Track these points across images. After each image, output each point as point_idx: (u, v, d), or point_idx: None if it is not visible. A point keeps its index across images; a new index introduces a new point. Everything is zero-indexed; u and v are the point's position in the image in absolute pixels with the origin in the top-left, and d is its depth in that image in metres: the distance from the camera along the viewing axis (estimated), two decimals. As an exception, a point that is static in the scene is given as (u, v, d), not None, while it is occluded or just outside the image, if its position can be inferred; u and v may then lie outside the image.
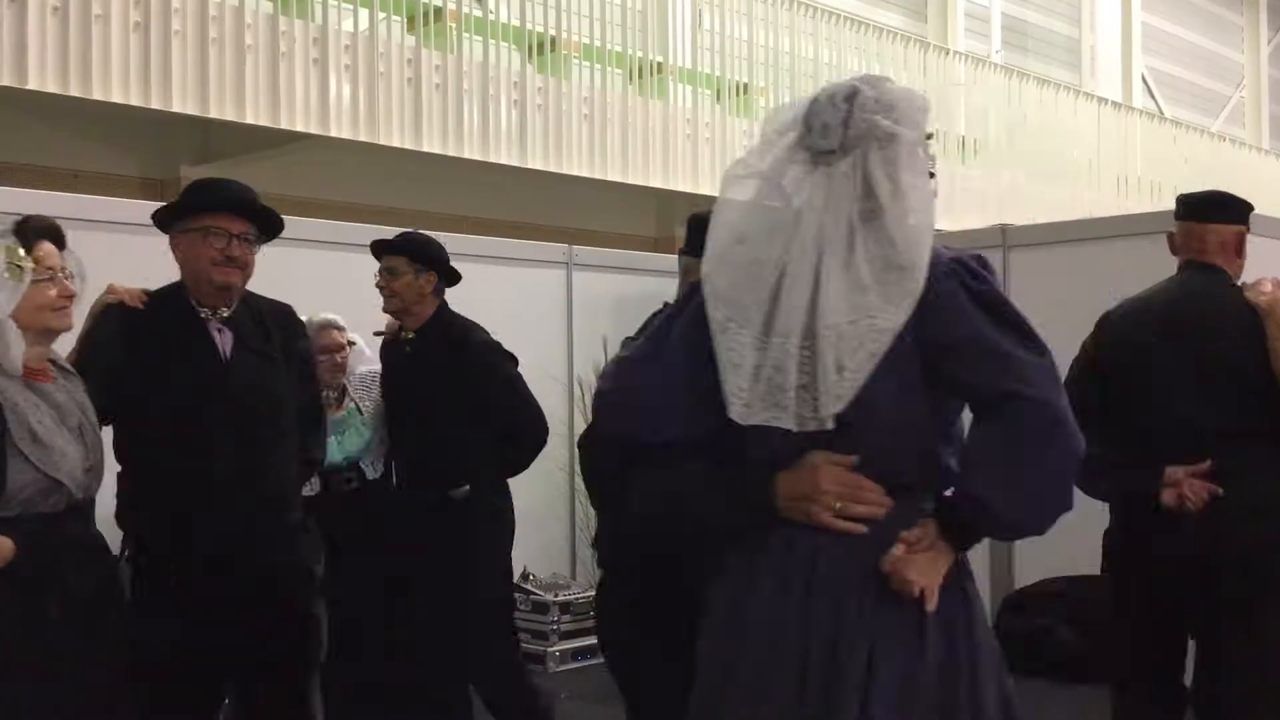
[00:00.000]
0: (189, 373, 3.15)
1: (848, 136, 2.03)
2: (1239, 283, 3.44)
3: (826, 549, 2.02)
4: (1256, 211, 3.67)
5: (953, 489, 2.07)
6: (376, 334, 4.61)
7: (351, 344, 4.54)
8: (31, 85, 6.56)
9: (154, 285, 4.05)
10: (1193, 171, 14.65)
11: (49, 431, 2.67)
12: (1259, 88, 19.72)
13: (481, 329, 4.34)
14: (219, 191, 3.26)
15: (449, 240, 6.81)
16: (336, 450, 4.28)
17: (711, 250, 2.13)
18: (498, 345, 4.33)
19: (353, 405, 4.52)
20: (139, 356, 3.12)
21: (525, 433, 4.33)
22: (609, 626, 3.19)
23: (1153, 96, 17.51)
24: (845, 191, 2.01)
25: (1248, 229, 3.52)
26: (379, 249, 4.26)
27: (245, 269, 3.24)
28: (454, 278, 4.33)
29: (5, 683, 2.57)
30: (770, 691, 2.00)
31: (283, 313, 3.44)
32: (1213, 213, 3.48)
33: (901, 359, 1.98)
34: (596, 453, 3.02)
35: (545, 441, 4.39)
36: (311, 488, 3.98)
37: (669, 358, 2.15)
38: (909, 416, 2.03)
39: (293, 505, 3.34)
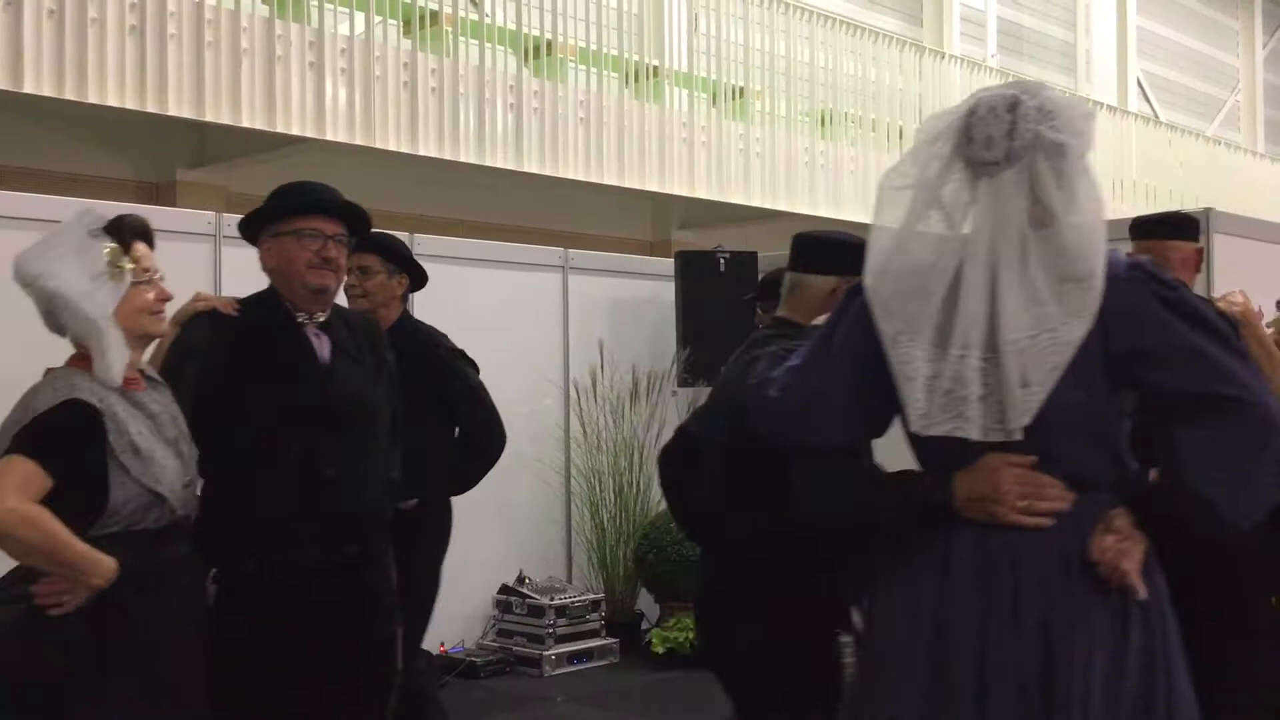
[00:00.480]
0: (291, 378, 3.03)
1: (1013, 147, 2.04)
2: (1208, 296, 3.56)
3: (1021, 547, 2.08)
4: (1252, 215, 3.72)
5: (1158, 485, 2.14)
6: None
7: None
8: (27, 89, 6.55)
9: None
10: (1188, 175, 14.68)
11: (148, 443, 2.55)
12: (1254, 92, 19.74)
13: (444, 335, 4.26)
14: (310, 194, 3.13)
15: (445, 244, 6.85)
16: None
17: (874, 262, 2.16)
18: (463, 352, 4.27)
19: None
20: (235, 364, 2.98)
21: (486, 443, 4.23)
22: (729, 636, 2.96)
23: (1148, 100, 17.53)
24: (1013, 202, 2.04)
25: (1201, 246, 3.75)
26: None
27: (339, 271, 3.14)
28: (422, 281, 4.20)
29: (115, 709, 2.48)
30: (990, 692, 2.04)
31: (369, 322, 3.37)
32: (1172, 231, 3.71)
33: (1084, 368, 2.03)
34: (682, 468, 3.04)
35: (502, 452, 4.27)
36: None
37: (833, 365, 2.22)
38: (1092, 421, 2.09)
39: (386, 518, 3.23)
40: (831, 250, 2.89)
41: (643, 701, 6.09)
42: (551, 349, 7.29)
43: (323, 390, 3.06)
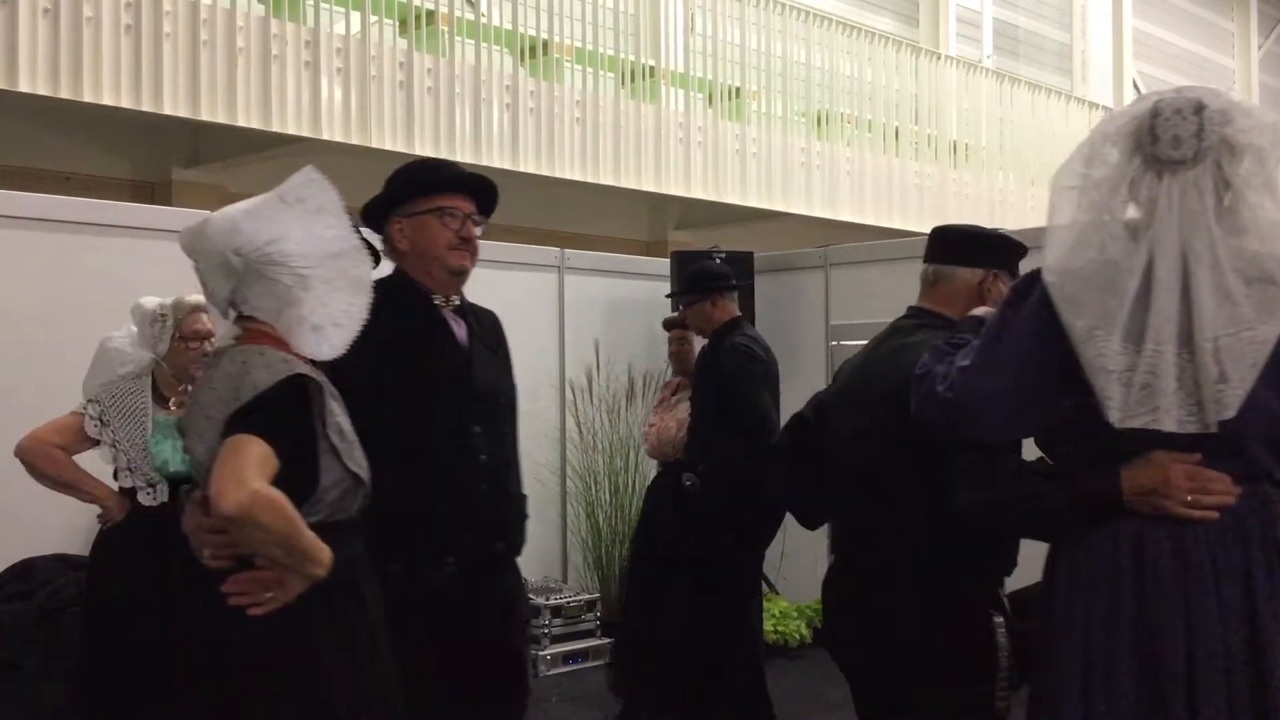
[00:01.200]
0: (434, 363, 2.84)
1: (1201, 147, 2.12)
2: None
3: (1214, 541, 2.15)
4: None
5: None
6: None
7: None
8: (22, 87, 6.54)
9: (145, 288, 4.06)
10: (1183, 176, 14.68)
11: (347, 423, 2.40)
12: (1249, 93, 19.77)
13: None
14: (449, 170, 2.93)
15: (441, 243, 6.84)
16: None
17: (1056, 259, 2.21)
18: None
19: None
20: (372, 348, 2.59)
21: None
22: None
23: (1144, 101, 17.54)
24: (1201, 201, 2.11)
25: None
26: None
27: (475, 254, 2.96)
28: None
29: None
30: (1199, 687, 2.11)
31: (491, 314, 3.23)
32: None
33: (1273, 367, 2.11)
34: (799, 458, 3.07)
35: None
36: (154, 496, 3.83)
37: (1006, 363, 2.28)
38: (1275, 419, 2.16)
39: (526, 516, 3.07)
40: (978, 243, 2.93)
41: (638, 702, 6.09)
42: (547, 349, 7.29)
43: (468, 375, 2.91)
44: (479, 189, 2.99)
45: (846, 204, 10.95)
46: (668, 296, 5.60)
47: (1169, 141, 2.13)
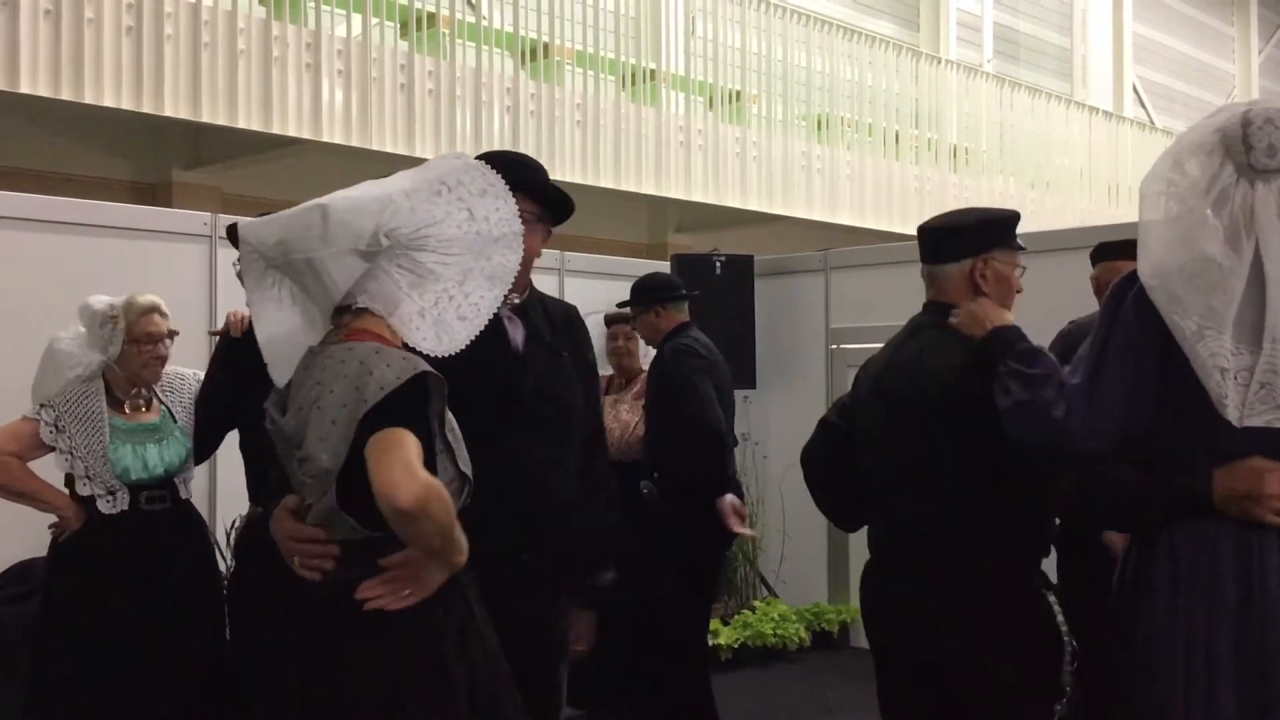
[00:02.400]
0: (481, 363, 2.64)
1: None
2: None
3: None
4: None
5: None
6: (213, 333, 4.26)
7: (173, 334, 3.90)
8: (23, 89, 6.54)
9: (146, 289, 4.04)
10: (1183, 181, 14.68)
11: (455, 422, 2.34)
12: (1249, 98, 19.74)
13: None
14: (514, 169, 2.67)
15: (441, 246, 6.85)
16: (158, 462, 3.76)
17: (1153, 263, 2.29)
18: None
19: (165, 410, 3.90)
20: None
21: None
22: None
23: (1144, 106, 17.57)
24: None
25: None
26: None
27: (530, 254, 2.80)
28: None
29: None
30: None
31: (570, 313, 3.12)
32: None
33: None
34: (829, 462, 3.14)
35: None
36: (114, 504, 3.71)
37: (1113, 373, 2.35)
38: None
39: (570, 529, 2.92)
40: (954, 235, 2.91)
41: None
42: (547, 352, 7.29)
43: (515, 378, 2.83)
44: (554, 201, 3.01)
45: (847, 207, 10.95)
46: (619, 306, 5.59)
47: (1264, 150, 2.23)
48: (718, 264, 7.25)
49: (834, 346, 7.34)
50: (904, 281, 7.66)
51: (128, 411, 3.80)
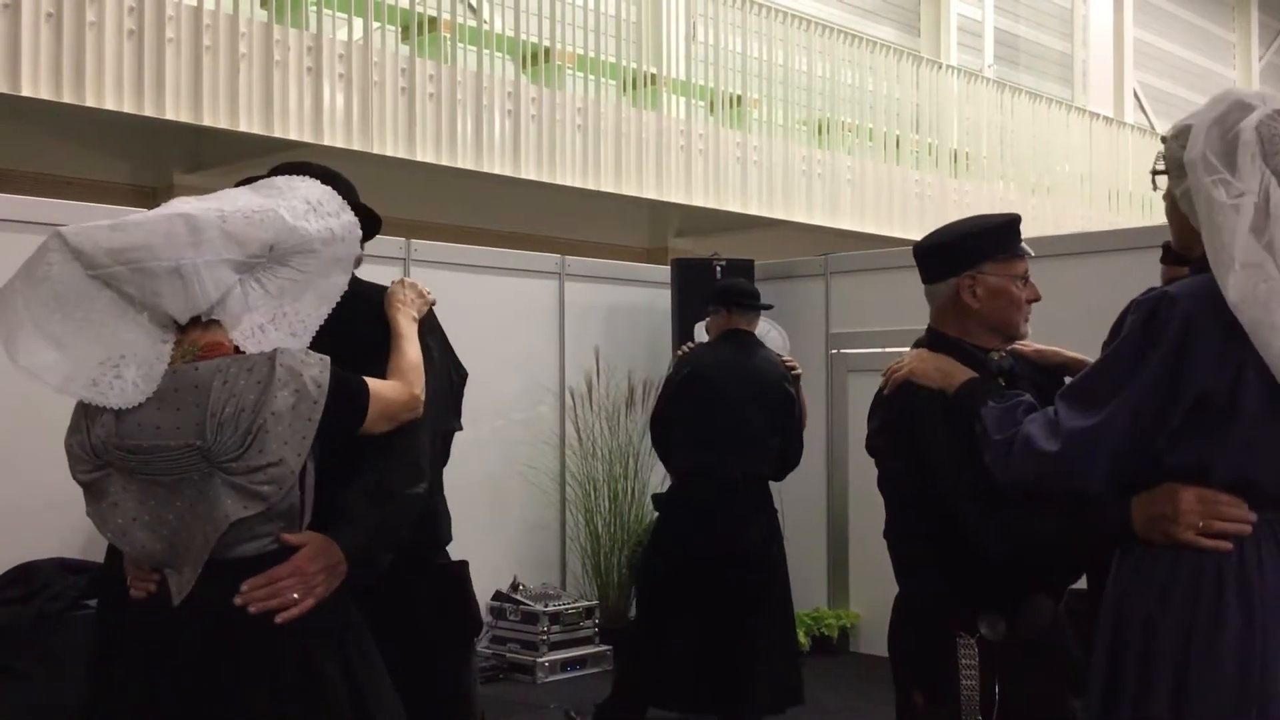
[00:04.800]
0: None
1: None
2: None
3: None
4: None
5: None
6: None
7: None
8: (25, 92, 6.55)
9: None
10: (1184, 187, 14.69)
11: None
12: (1250, 104, 19.77)
13: None
14: (340, 184, 2.74)
15: (442, 250, 6.85)
16: None
17: (1240, 290, 2.07)
18: None
19: None
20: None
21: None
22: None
23: (1144, 112, 17.57)
24: None
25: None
26: None
27: None
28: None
29: None
30: None
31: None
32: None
33: None
34: None
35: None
36: None
37: (1130, 406, 2.13)
38: None
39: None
40: (936, 255, 2.74)
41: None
42: (547, 356, 7.30)
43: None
44: (366, 219, 2.87)
45: (847, 212, 10.96)
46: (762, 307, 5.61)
47: None
48: (718, 268, 7.25)
49: (834, 351, 7.34)
50: (904, 286, 7.66)
51: None
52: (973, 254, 2.66)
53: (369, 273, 2.80)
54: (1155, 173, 2.32)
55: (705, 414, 5.15)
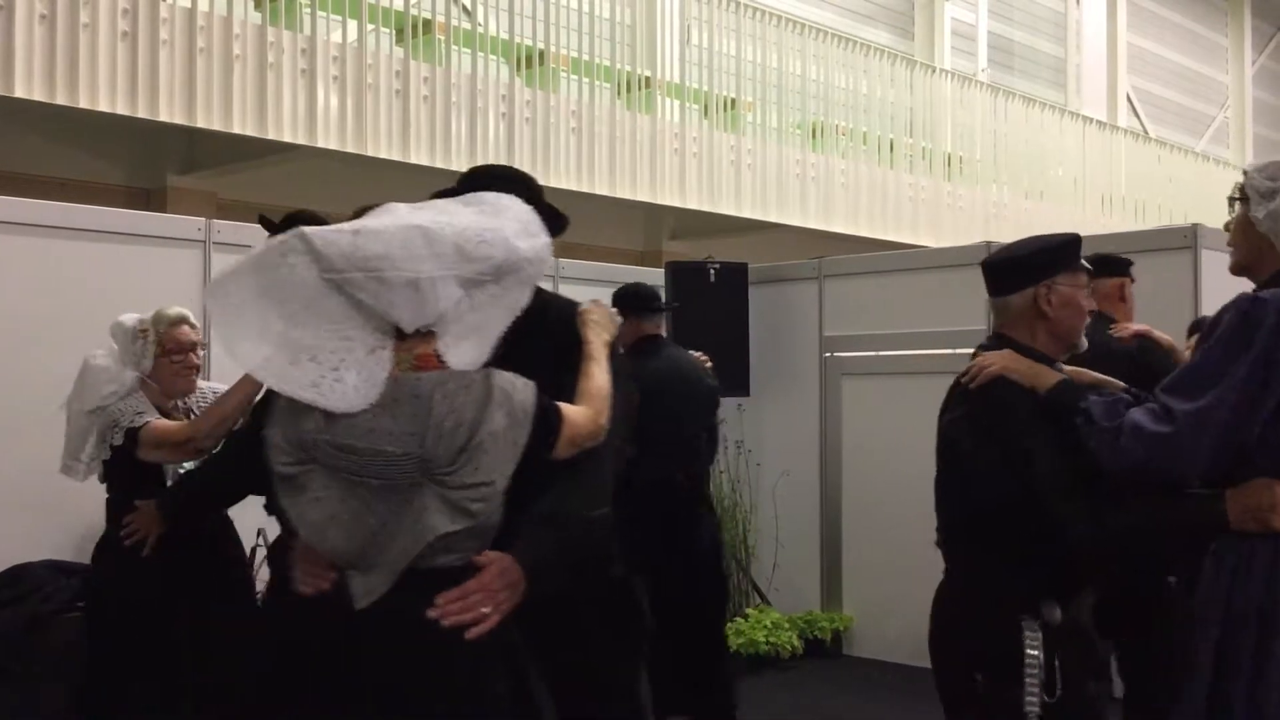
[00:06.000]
0: None
1: None
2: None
3: None
4: None
5: None
6: None
7: (204, 346, 4.00)
8: (19, 93, 6.54)
9: (140, 294, 4.04)
10: (1176, 191, 14.75)
11: None
12: (1243, 108, 19.84)
13: None
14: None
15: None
16: None
17: None
18: None
19: None
20: None
21: None
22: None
23: (1137, 116, 17.62)
24: None
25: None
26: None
27: None
28: None
29: None
30: None
31: None
32: (1101, 269, 4.09)
33: None
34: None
35: None
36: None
37: (1232, 396, 2.43)
38: None
39: None
40: (1014, 267, 2.98)
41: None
42: (541, 358, 7.29)
43: None
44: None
45: (841, 216, 10.97)
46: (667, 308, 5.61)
47: None
48: (712, 271, 7.25)
49: (828, 354, 7.34)
50: (898, 289, 7.72)
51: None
52: (1048, 267, 2.92)
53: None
54: (1233, 199, 2.73)
55: (647, 421, 5.10)
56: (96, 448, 3.77)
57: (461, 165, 8.33)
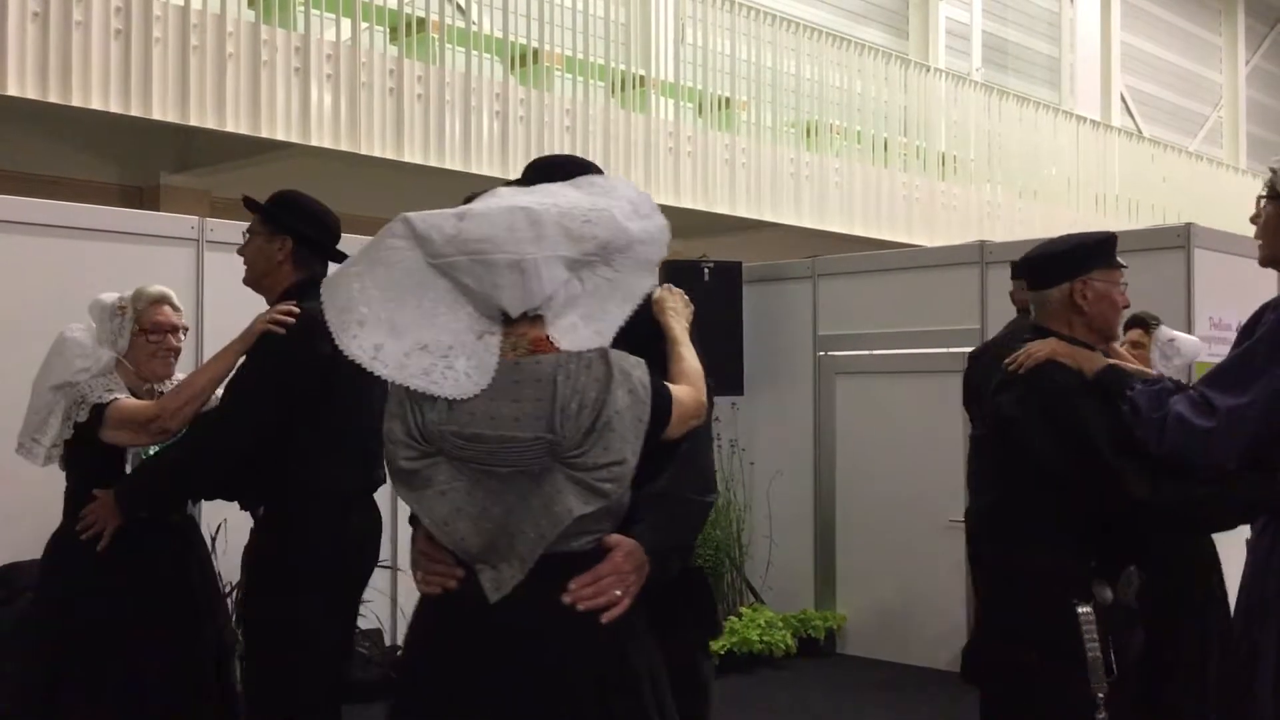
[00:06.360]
0: None
1: None
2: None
3: None
4: (1233, 231, 3.91)
5: None
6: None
7: (185, 329, 3.74)
8: (11, 91, 6.52)
9: (130, 291, 4.02)
10: (1170, 190, 14.77)
11: None
12: (1236, 108, 19.87)
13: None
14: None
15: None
16: None
17: None
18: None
19: None
20: None
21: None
22: None
23: (1131, 115, 17.64)
24: None
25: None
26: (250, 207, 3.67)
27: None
28: (319, 246, 3.56)
29: None
30: None
31: None
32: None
33: None
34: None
35: None
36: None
37: (1264, 403, 2.64)
38: None
39: None
40: (1049, 263, 3.15)
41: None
42: (535, 357, 7.29)
43: None
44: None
45: (835, 215, 10.97)
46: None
47: None
48: (706, 270, 7.25)
49: (821, 353, 7.34)
50: (891, 288, 7.72)
51: None
52: (1083, 262, 3.08)
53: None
54: (1263, 197, 2.84)
55: None
56: (60, 426, 3.48)
57: (455, 164, 8.33)
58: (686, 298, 2.72)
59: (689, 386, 2.42)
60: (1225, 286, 5.89)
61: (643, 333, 2.43)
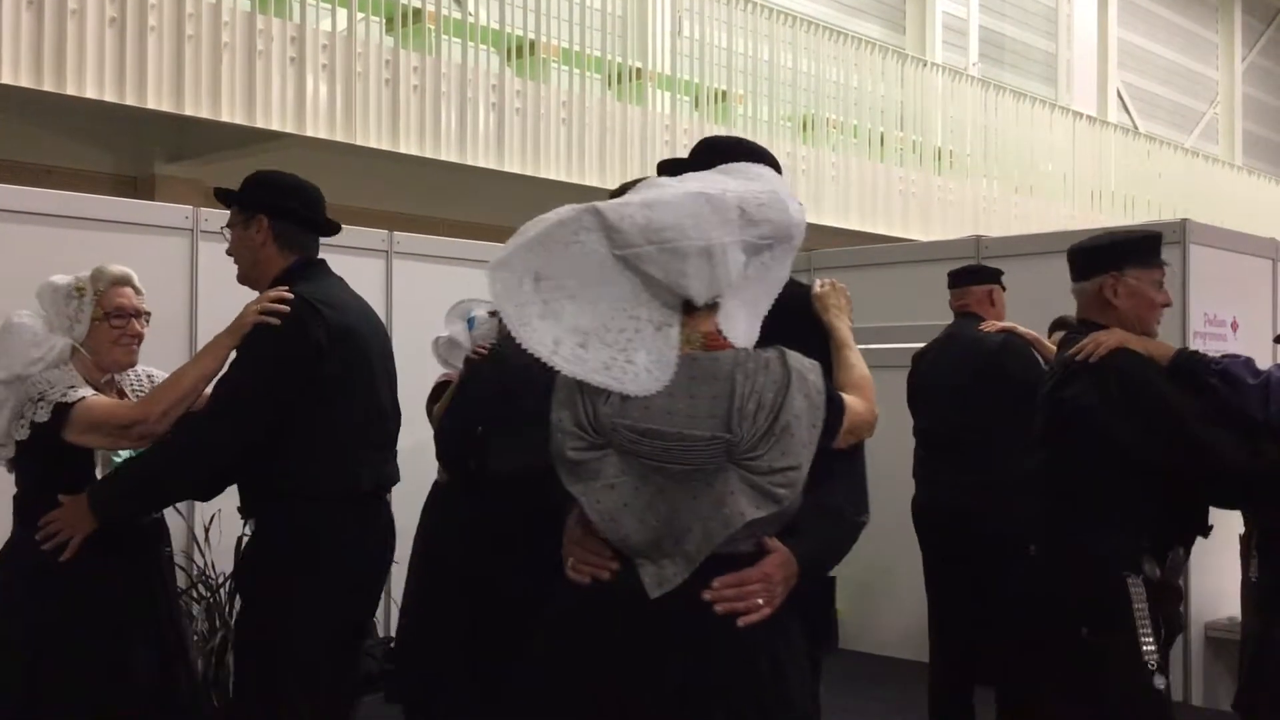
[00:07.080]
0: None
1: None
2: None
3: None
4: (1228, 227, 4.00)
5: None
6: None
7: (147, 315, 3.41)
8: (5, 80, 6.50)
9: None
10: (1166, 187, 14.77)
11: None
12: (1233, 104, 19.88)
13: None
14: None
15: (425, 242, 6.81)
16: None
17: None
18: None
19: None
20: None
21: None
22: None
23: (1128, 111, 17.64)
24: None
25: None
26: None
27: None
28: (299, 217, 3.30)
29: None
30: None
31: None
32: (971, 278, 4.96)
33: None
34: None
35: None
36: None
37: None
38: None
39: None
40: (1084, 256, 3.24)
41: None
42: (530, 349, 7.28)
43: None
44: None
45: (831, 209, 10.97)
46: None
47: None
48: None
49: (817, 347, 7.34)
50: (888, 283, 7.70)
51: None
52: (1118, 259, 3.14)
53: (355, 265, 2.78)
54: None
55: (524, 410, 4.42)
56: (10, 425, 3.13)
57: (451, 155, 8.31)
58: (849, 293, 2.63)
59: (861, 398, 2.36)
60: (1220, 282, 5.89)
61: (787, 327, 2.31)
